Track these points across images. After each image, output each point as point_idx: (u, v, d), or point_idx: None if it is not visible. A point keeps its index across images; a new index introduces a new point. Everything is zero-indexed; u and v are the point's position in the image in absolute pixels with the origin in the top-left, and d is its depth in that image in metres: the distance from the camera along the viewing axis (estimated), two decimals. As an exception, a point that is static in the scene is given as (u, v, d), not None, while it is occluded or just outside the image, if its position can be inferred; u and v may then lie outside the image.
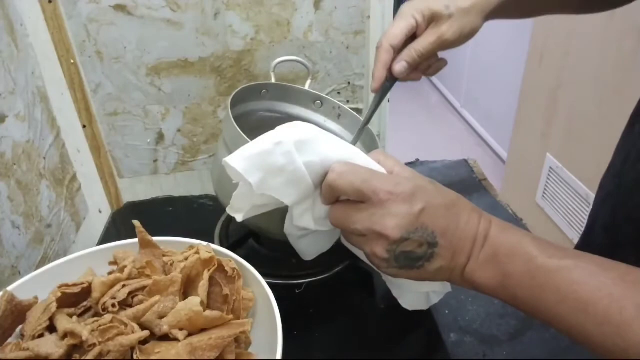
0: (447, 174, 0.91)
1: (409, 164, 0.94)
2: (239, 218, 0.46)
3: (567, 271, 0.35)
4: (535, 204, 1.70)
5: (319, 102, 0.71)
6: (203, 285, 0.43)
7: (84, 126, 0.79)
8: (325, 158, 0.40)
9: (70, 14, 0.71)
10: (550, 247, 0.38)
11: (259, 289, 0.46)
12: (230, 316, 0.42)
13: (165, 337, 0.40)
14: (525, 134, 1.76)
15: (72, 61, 0.74)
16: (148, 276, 0.45)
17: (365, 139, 0.66)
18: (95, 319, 0.40)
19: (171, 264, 0.46)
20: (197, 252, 0.46)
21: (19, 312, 0.41)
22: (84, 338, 0.36)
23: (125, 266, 0.44)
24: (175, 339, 0.39)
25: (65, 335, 0.38)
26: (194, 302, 0.40)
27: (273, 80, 0.70)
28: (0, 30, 0.60)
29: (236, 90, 0.64)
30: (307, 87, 0.71)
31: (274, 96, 0.71)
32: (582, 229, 1.45)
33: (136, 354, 0.37)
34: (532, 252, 0.37)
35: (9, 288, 0.43)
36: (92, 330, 0.37)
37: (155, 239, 0.48)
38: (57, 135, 0.73)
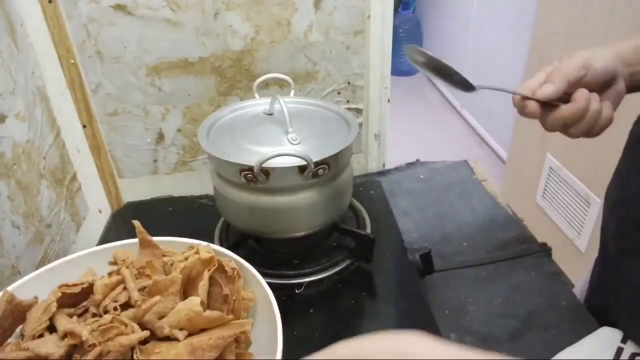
0: (447, 174, 0.91)
1: (409, 164, 0.94)
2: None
3: None
4: (535, 204, 1.69)
5: None
6: (203, 285, 0.43)
7: (84, 126, 0.79)
8: None
9: (70, 14, 0.71)
10: None
11: (259, 289, 0.46)
12: (230, 316, 0.42)
13: (166, 337, 0.40)
14: (525, 134, 1.76)
15: (72, 61, 0.74)
16: (148, 276, 0.45)
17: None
18: (95, 319, 0.40)
19: (171, 264, 0.46)
20: (197, 252, 0.46)
21: (19, 312, 0.41)
22: (84, 338, 0.36)
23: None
24: (175, 339, 0.39)
25: (65, 335, 0.38)
26: (194, 302, 0.40)
27: (256, 97, 0.73)
28: (0, 30, 0.60)
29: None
30: (291, 96, 0.74)
31: None
32: (582, 229, 1.44)
33: (136, 354, 0.37)
34: None
35: (9, 288, 0.43)
36: (92, 330, 0.37)
37: (155, 239, 0.48)
38: (57, 135, 0.73)
